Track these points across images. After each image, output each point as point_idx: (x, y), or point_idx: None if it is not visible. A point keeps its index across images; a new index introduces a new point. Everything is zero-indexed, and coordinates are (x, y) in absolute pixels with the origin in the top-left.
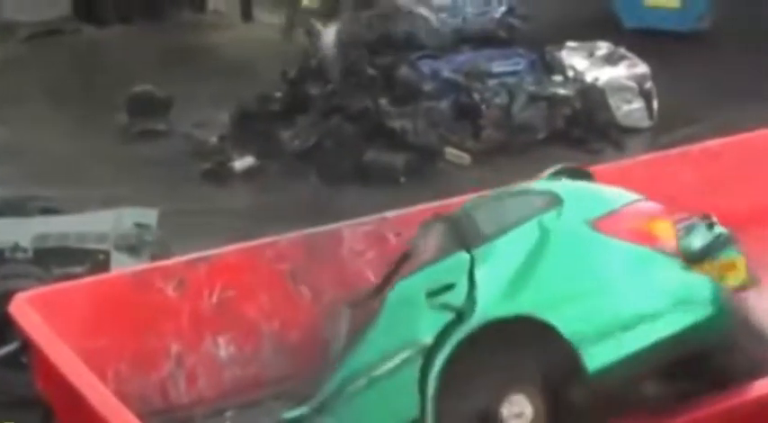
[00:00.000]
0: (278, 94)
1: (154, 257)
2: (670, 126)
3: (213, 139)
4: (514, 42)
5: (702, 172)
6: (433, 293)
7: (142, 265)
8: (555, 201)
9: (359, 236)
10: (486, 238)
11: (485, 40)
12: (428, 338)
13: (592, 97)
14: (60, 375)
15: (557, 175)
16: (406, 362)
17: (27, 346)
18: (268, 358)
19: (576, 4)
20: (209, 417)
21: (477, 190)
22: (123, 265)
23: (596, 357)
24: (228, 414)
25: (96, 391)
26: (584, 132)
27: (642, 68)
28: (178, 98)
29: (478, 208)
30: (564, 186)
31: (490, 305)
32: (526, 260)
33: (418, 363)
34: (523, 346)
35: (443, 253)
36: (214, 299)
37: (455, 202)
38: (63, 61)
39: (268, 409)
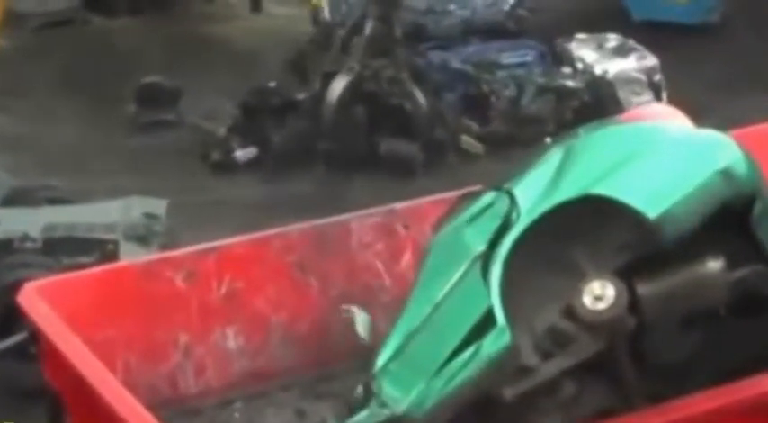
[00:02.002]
0: (272, 85)
1: (163, 247)
2: None
3: (222, 130)
4: (523, 34)
5: None
6: (474, 216)
7: (151, 256)
8: (575, 136)
9: (367, 228)
10: (511, 177)
11: (494, 31)
12: (481, 246)
13: (601, 89)
14: (69, 365)
15: None
16: (464, 274)
17: (35, 336)
18: (276, 350)
19: None
20: (218, 407)
21: (488, 181)
22: (132, 255)
23: (653, 205)
24: (237, 405)
25: (105, 382)
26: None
27: (651, 61)
28: (187, 89)
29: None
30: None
31: (534, 204)
32: (558, 168)
33: (478, 268)
34: (581, 245)
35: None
36: (223, 290)
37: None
38: (72, 52)
39: (276, 401)
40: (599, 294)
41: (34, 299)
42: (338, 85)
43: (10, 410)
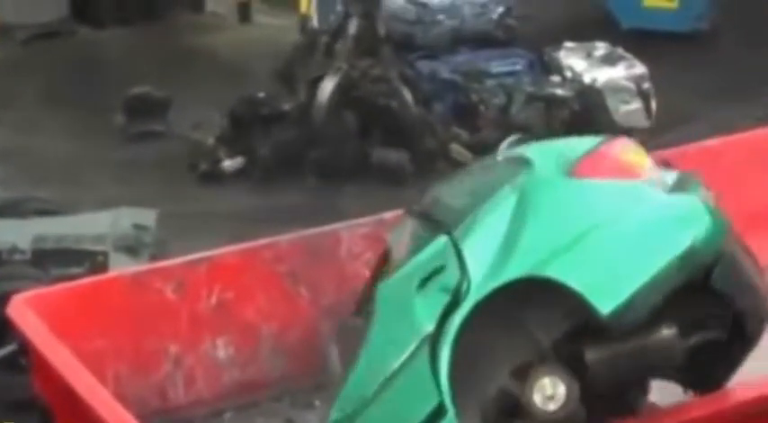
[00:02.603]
0: (261, 95)
1: (152, 258)
2: (668, 126)
3: (210, 141)
4: (512, 43)
5: (702, 171)
6: (424, 281)
7: (141, 267)
8: (524, 161)
9: (357, 237)
10: (462, 214)
11: (483, 40)
12: (429, 326)
13: (590, 98)
14: (59, 377)
15: (516, 143)
16: (413, 355)
17: (25, 347)
18: (267, 360)
19: (573, 4)
20: (208, 418)
21: None
22: (122, 266)
23: (606, 300)
24: (227, 415)
25: (95, 393)
26: (581, 133)
27: (640, 69)
28: (176, 100)
29: (446, 189)
30: (529, 148)
31: (485, 277)
32: (510, 225)
33: (426, 351)
34: (530, 309)
35: (422, 243)
36: (213, 300)
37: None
38: (61, 63)
39: (267, 411)
40: (550, 394)
41: (24, 310)
42: (327, 87)
43: (1, 421)
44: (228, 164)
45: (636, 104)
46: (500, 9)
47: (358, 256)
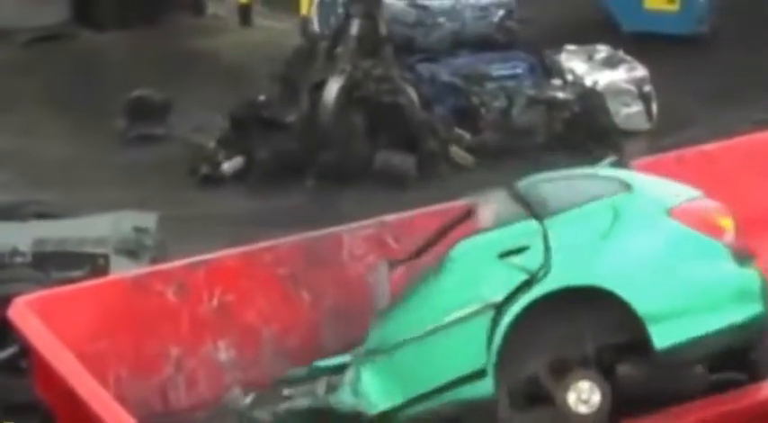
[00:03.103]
0: (261, 98)
1: (153, 261)
2: (669, 129)
3: (211, 144)
4: (513, 46)
5: (699, 175)
6: (506, 254)
7: (141, 269)
8: (625, 186)
9: (359, 240)
10: (556, 210)
11: (483, 43)
12: (499, 296)
13: (591, 101)
14: (60, 379)
15: (612, 165)
16: (475, 314)
17: (26, 350)
18: (268, 362)
19: (574, 7)
20: (209, 420)
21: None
22: (123, 269)
23: (665, 336)
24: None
25: (96, 395)
26: (583, 135)
27: (641, 72)
28: (176, 102)
29: (544, 183)
30: (631, 175)
31: (566, 271)
32: (601, 235)
33: (488, 317)
34: (589, 313)
35: (513, 218)
36: (214, 303)
37: (457, 205)
38: (61, 66)
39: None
40: (585, 398)
41: (25, 313)
42: (332, 89)
43: (2, 421)
44: (228, 165)
45: (636, 107)
46: (501, 12)
47: (359, 259)
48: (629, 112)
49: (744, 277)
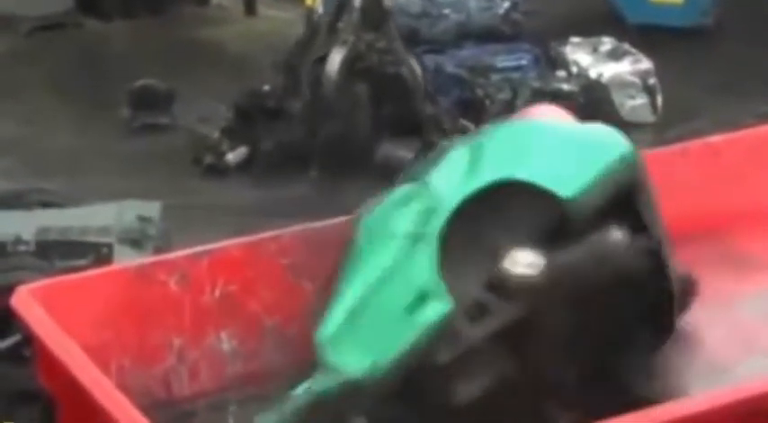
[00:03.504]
0: (266, 88)
1: (156, 251)
2: (674, 122)
3: (215, 134)
4: (518, 38)
5: (704, 168)
6: (397, 203)
7: (145, 259)
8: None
9: None
10: (423, 172)
11: (488, 35)
12: (409, 228)
13: (596, 93)
14: (63, 368)
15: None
16: (397, 254)
17: (29, 339)
18: (270, 352)
19: None
20: (212, 410)
21: None
22: (126, 259)
23: (567, 186)
24: (231, 408)
25: (99, 384)
26: None
27: (646, 64)
28: (181, 92)
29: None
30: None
31: (454, 191)
32: (470, 160)
33: (409, 248)
34: (498, 224)
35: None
36: (216, 293)
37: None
38: (65, 55)
39: (271, 404)
40: (520, 262)
41: (28, 302)
42: (335, 60)
43: (3, 413)
44: (232, 156)
45: (641, 99)
46: (506, 4)
47: None
48: (633, 105)
49: (602, 126)
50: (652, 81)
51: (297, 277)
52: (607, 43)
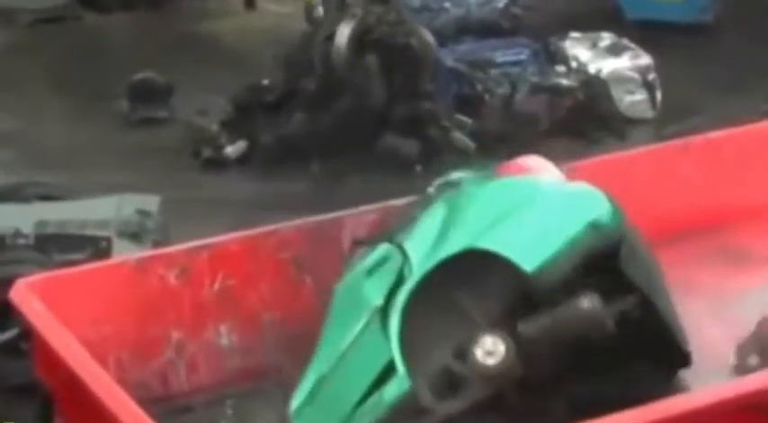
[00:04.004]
0: (265, 82)
1: (155, 244)
2: (673, 117)
3: (214, 127)
4: (517, 32)
5: (704, 164)
6: (371, 270)
7: (144, 253)
8: (453, 184)
9: (362, 225)
10: (398, 230)
11: (488, 29)
12: (378, 300)
13: (595, 88)
14: (61, 362)
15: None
16: (365, 326)
17: (27, 332)
18: (270, 347)
19: None
20: (210, 405)
21: None
22: (125, 252)
23: (530, 258)
24: (229, 402)
25: (97, 378)
26: (586, 123)
27: (645, 60)
28: (180, 85)
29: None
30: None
31: (424, 258)
32: (443, 221)
33: (377, 322)
34: (467, 290)
35: (368, 252)
36: (216, 287)
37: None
38: (64, 48)
39: (269, 398)
40: (491, 350)
41: (26, 295)
42: (344, 32)
43: (1, 407)
44: (231, 149)
45: (640, 95)
46: None
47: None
48: (633, 100)
49: (579, 189)
50: (651, 77)
51: (297, 272)
52: (606, 38)
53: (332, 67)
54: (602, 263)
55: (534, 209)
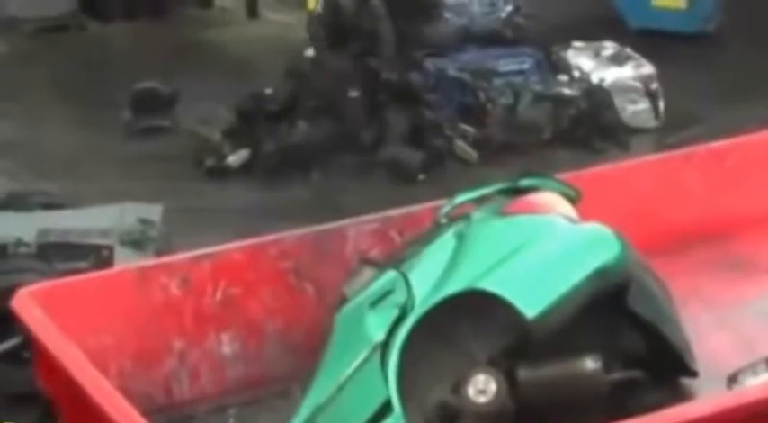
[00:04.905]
0: (268, 91)
1: (158, 253)
2: (676, 127)
3: (217, 136)
4: (520, 42)
5: (707, 173)
6: (375, 302)
7: (146, 261)
8: (464, 217)
9: (364, 234)
10: (408, 257)
11: (491, 39)
12: (380, 335)
13: (597, 97)
14: (63, 371)
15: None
16: (365, 361)
17: (29, 341)
18: (272, 356)
19: (582, 4)
20: (212, 414)
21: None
22: (127, 261)
23: (532, 304)
24: (231, 411)
25: (99, 387)
26: (589, 132)
27: (648, 69)
28: (183, 95)
29: (401, 247)
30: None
31: (428, 294)
32: (451, 256)
33: (376, 357)
34: (468, 327)
35: (374, 278)
36: (218, 296)
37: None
38: (68, 57)
39: (271, 407)
40: (482, 388)
41: (28, 304)
42: None
43: (2, 415)
44: (233, 158)
45: (643, 104)
46: (508, 8)
47: (364, 254)
48: (635, 110)
49: (587, 230)
50: (654, 86)
51: (299, 281)
52: (609, 48)
53: (339, 11)
54: (608, 302)
55: (541, 251)
